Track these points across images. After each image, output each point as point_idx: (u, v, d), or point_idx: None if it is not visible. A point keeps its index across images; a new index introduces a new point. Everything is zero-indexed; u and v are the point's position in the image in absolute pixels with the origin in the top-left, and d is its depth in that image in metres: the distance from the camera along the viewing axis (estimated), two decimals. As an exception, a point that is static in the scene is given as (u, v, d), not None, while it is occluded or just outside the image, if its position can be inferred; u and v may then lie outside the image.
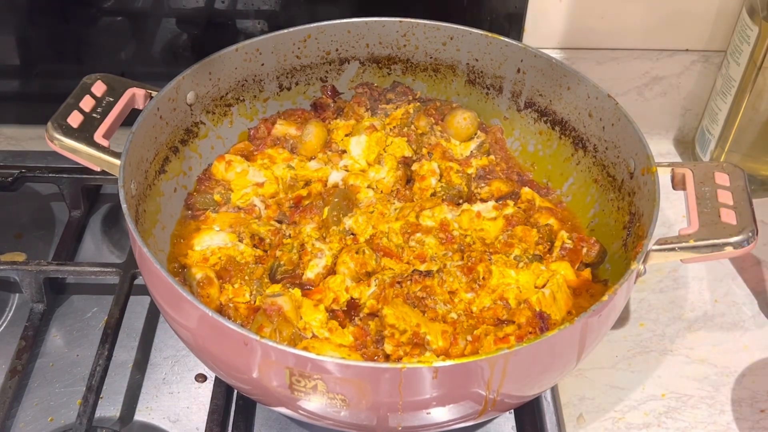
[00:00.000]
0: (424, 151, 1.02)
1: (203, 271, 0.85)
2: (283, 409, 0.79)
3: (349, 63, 1.08)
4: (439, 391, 0.68)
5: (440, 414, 0.72)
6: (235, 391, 0.90)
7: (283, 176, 0.98)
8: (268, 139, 1.02)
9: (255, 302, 0.84)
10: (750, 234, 0.78)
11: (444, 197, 0.96)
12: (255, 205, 0.96)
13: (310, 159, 1.00)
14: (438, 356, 0.78)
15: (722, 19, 1.17)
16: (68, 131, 0.85)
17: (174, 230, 0.94)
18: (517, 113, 1.06)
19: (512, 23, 1.16)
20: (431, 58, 1.07)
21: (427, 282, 0.84)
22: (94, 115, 0.88)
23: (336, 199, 0.94)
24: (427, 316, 0.82)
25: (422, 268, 0.87)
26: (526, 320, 0.81)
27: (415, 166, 1.00)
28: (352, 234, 0.91)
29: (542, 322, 0.81)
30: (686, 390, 0.94)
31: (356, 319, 0.83)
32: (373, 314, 0.82)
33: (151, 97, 0.91)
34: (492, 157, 1.04)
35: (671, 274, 1.07)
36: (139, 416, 0.90)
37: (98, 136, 0.86)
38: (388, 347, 0.78)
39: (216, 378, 0.91)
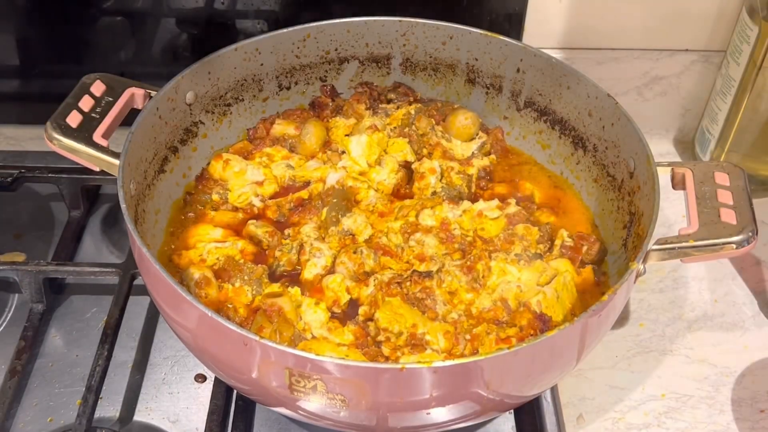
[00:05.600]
0: (425, 151, 1.02)
1: (201, 271, 0.85)
2: (282, 410, 0.79)
3: (348, 62, 1.08)
4: (439, 391, 0.68)
5: (440, 414, 0.72)
6: (235, 391, 0.90)
7: (281, 175, 0.98)
8: (267, 139, 1.02)
9: (254, 302, 0.84)
10: (750, 234, 0.78)
11: (444, 197, 0.96)
12: (253, 205, 0.96)
13: (310, 159, 1.00)
14: (440, 355, 0.78)
15: (722, 19, 1.17)
16: (67, 131, 0.85)
17: (173, 230, 0.94)
18: (517, 112, 1.06)
19: (512, 23, 1.16)
20: (431, 57, 1.07)
21: (426, 283, 0.84)
22: (93, 114, 0.88)
23: (334, 200, 0.94)
24: (427, 316, 0.82)
25: (421, 268, 0.87)
26: (527, 323, 0.81)
27: (415, 165, 1.00)
28: (351, 234, 0.91)
29: (543, 325, 0.81)
30: (686, 390, 0.93)
31: (357, 318, 0.83)
32: (369, 319, 0.82)
33: (150, 97, 0.91)
34: (493, 156, 1.04)
35: (671, 274, 1.07)
36: (138, 416, 0.90)
37: (97, 136, 0.85)
38: (386, 350, 0.78)
39: (215, 378, 0.90)
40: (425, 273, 0.85)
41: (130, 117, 0.90)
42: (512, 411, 0.90)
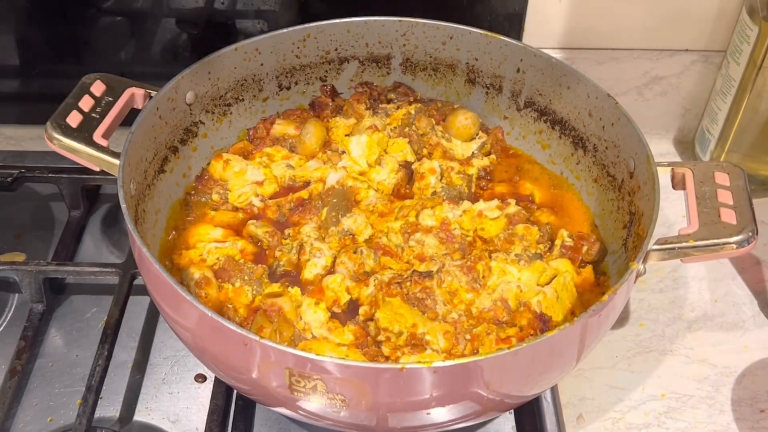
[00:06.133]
0: (425, 151, 1.02)
1: (201, 271, 0.85)
2: (282, 410, 0.79)
3: (348, 62, 1.08)
4: (439, 391, 0.68)
5: (440, 414, 0.72)
6: (235, 391, 0.90)
7: (281, 175, 0.98)
8: (267, 139, 1.02)
9: (254, 302, 0.84)
10: (750, 234, 0.78)
11: (444, 197, 0.96)
12: (253, 205, 0.96)
13: (310, 159, 1.00)
14: (440, 355, 0.78)
15: (722, 19, 1.17)
16: (67, 131, 0.85)
17: (173, 230, 0.94)
18: (517, 112, 1.06)
19: (512, 23, 1.16)
20: (431, 57, 1.07)
21: (426, 283, 0.84)
22: (93, 114, 0.88)
23: (334, 200, 0.94)
24: (427, 316, 0.82)
25: (421, 268, 0.87)
26: (527, 322, 0.81)
27: (415, 165, 1.00)
28: (351, 234, 0.91)
29: (543, 324, 0.81)
30: (686, 390, 0.94)
31: (357, 318, 0.83)
32: (369, 319, 0.82)
33: (151, 97, 0.91)
34: (493, 156, 1.04)
35: (671, 274, 1.07)
36: (138, 416, 0.90)
37: (97, 136, 0.86)
38: (386, 350, 0.78)
39: (216, 378, 0.90)
40: (425, 273, 0.85)
41: (130, 117, 0.90)
42: (512, 411, 0.90)
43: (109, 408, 0.90)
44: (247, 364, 0.70)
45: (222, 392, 0.89)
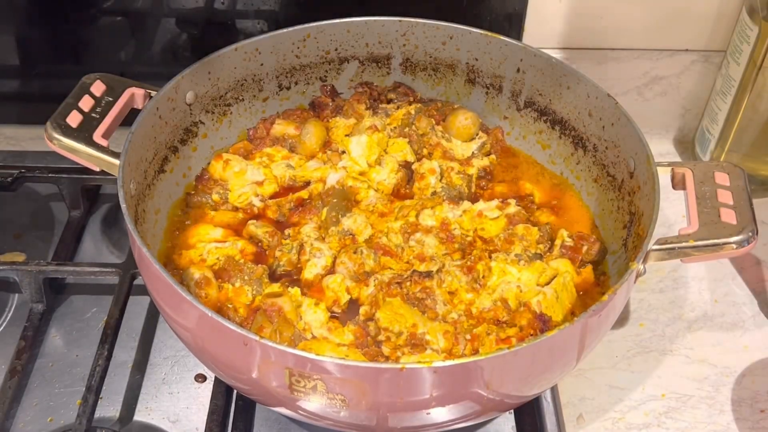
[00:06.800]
0: (425, 151, 1.02)
1: (201, 271, 0.85)
2: (282, 410, 0.79)
3: (348, 62, 1.08)
4: (439, 391, 0.68)
5: (440, 414, 0.72)
6: (235, 391, 0.90)
7: (281, 175, 0.98)
8: (267, 139, 1.02)
9: (254, 302, 0.84)
10: (750, 234, 0.78)
11: (444, 198, 0.96)
12: (253, 205, 0.96)
13: (310, 159, 1.00)
14: (440, 355, 0.78)
15: (722, 19, 1.17)
16: (67, 131, 0.85)
17: (173, 230, 0.94)
18: (517, 113, 1.06)
19: (512, 23, 1.16)
20: (431, 57, 1.07)
21: (426, 283, 0.84)
22: (93, 114, 0.88)
23: (334, 200, 0.94)
24: (427, 316, 0.82)
25: (422, 268, 0.87)
26: (527, 323, 0.81)
27: (415, 165, 1.00)
28: (351, 234, 0.91)
29: (543, 325, 0.81)
30: (686, 390, 0.94)
31: (357, 318, 0.83)
32: (370, 319, 0.83)
33: (151, 97, 0.91)
34: (493, 156, 1.04)
35: (671, 274, 1.07)
36: (138, 416, 0.90)
37: (97, 136, 0.86)
38: (386, 350, 0.78)
39: (216, 378, 0.90)
40: (425, 273, 0.85)
41: (130, 117, 0.90)
42: (512, 411, 0.90)
43: (109, 408, 0.90)
44: (247, 364, 0.70)
45: (222, 392, 0.89)
